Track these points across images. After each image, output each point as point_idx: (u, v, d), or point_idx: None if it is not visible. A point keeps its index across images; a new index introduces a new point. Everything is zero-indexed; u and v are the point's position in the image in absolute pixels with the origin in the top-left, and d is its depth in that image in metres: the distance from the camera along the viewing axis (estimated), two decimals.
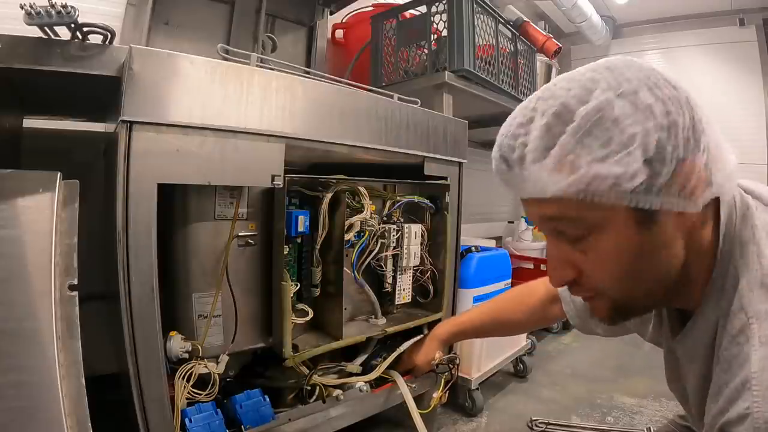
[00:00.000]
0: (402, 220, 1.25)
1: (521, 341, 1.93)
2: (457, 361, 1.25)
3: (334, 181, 1.07)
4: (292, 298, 0.98)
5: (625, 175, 0.42)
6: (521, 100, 1.93)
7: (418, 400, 1.21)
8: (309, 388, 1.06)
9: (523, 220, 2.97)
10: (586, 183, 0.43)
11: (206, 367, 0.90)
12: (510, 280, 1.85)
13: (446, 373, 1.24)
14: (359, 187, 1.11)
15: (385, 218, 1.22)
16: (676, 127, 0.43)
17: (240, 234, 0.98)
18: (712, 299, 0.51)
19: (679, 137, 0.43)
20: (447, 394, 1.26)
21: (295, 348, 1.00)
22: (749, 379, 0.43)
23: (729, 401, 0.45)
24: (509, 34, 1.85)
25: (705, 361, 0.53)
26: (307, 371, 1.05)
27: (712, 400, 0.48)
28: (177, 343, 0.87)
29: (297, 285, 1.02)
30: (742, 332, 0.46)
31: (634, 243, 0.47)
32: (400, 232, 1.20)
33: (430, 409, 1.19)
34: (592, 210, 0.45)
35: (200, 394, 0.89)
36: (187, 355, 0.89)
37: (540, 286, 0.98)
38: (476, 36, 1.59)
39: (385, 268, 1.20)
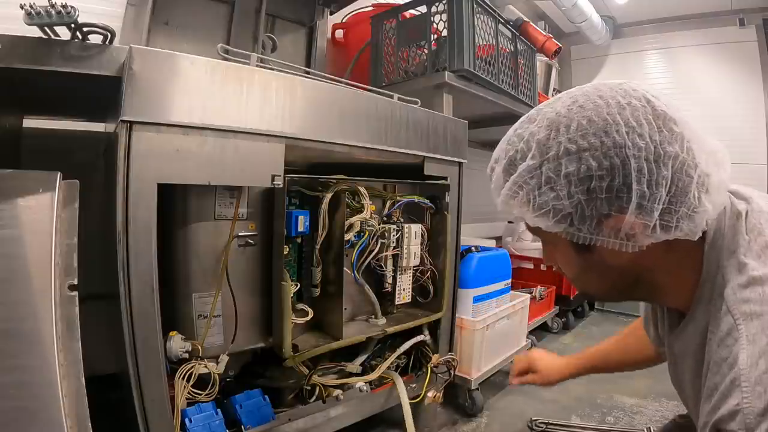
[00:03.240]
0: (402, 220, 1.25)
1: (521, 341, 1.93)
2: (455, 363, 1.25)
3: (334, 181, 1.07)
4: (292, 298, 0.98)
5: (546, 225, 0.51)
6: (521, 100, 1.93)
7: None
8: (309, 388, 1.06)
9: None
10: (521, 220, 0.54)
11: (206, 367, 0.90)
12: (510, 280, 1.85)
13: (445, 374, 1.24)
14: (359, 187, 1.11)
15: (385, 218, 1.22)
16: (593, 192, 0.48)
17: (240, 234, 0.98)
18: (702, 303, 0.54)
19: (596, 202, 0.48)
20: (441, 394, 1.26)
21: (295, 348, 1.00)
22: (738, 376, 0.44)
23: (720, 399, 0.46)
24: (509, 34, 1.85)
25: (695, 359, 0.55)
26: (307, 371, 1.05)
27: (705, 401, 0.49)
28: (177, 343, 0.87)
29: (297, 285, 1.02)
30: (730, 334, 0.47)
31: (575, 261, 0.56)
32: (400, 232, 1.20)
33: (419, 398, 1.19)
34: (543, 231, 0.54)
35: (200, 394, 0.89)
36: (187, 355, 0.89)
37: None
38: (476, 36, 1.58)
39: (385, 268, 1.20)
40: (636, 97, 0.49)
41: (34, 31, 0.76)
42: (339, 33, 2.04)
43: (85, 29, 0.78)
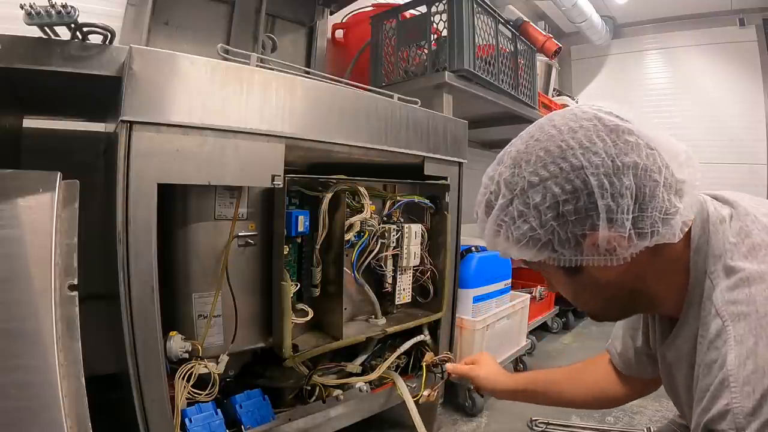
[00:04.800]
0: (402, 220, 1.25)
1: (521, 341, 1.93)
2: (451, 361, 1.25)
3: (334, 181, 1.07)
4: (292, 298, 0.98)
5: (530, 255, 0.53)
6: (521, 100, 1.93)
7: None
8: (309, 388, 1.06)
9: None
10: (509, 256, 0.56)
11: (206, 367, 0.90)
12: (510, 280, 1.85)
13: (441, 373, 1.24)
14: (359, 187, 1.11)
15: (385, 218, 1.22)
16: (563, 216, 0.50)
17: (240, 234, 0.98)
18: (693, 308, 0.54)
19: (569, 225, 0.50)
20: (436, 393, 1.25)
21: (295, 348, 1.00)
22: (727, 377, 0.45)
23: (711, 400, 0.46)
24: (509, 34, 1.85)
25: (689, 364, 0.56)
26: (307, 371, 1.05)
27: (697, 403, 0.50)
28: (177, 343, 0.87)
29: (297, 285, 1.02)
30: (719, 336, 0.48)
31: (567, 283, 0.59)
32: (400, 232, 1.20)
33: (416, 398, 1.19)
34: (533, 262, 0.56)
35: (200, 394, 0.89)
36: (187, 355, 0.89)
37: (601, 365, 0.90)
38: (476, 36, 1.59)
39: (385, 268, 1.20)
40: (586, 119, 0.51)
41: (34, 31, 0.76)
42: (339, 33, 2.04)
43: (85, 29, 0.78)
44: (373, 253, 1.17)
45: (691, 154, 0.53)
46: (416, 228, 1.23)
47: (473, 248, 1.66)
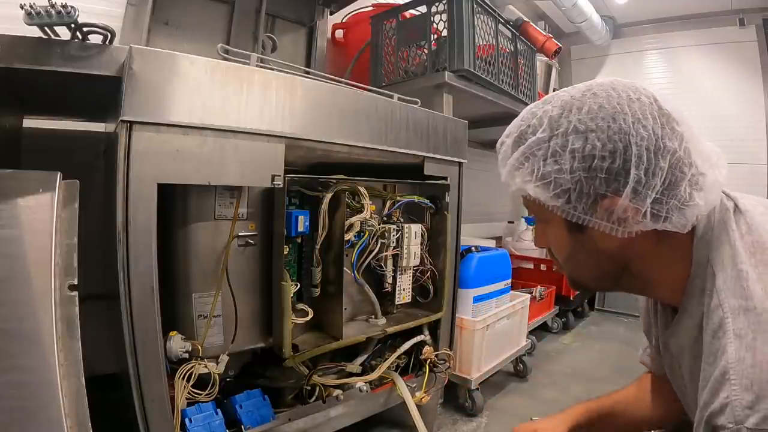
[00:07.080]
0: (402, 220, 1.25)
1: (521, 341, 1.93)
2: (450, 360, 1.24)
3: (334, 181, 1.07)
4: (292, 298, 0.98)
5: (545, 197, 0.54)
6: (521, 100, 1.93)
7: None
8: (309, 388, 1.06)
9: (523, 219, 2.97)
10: (522, 193, 0.57)
11: (206, 367, 0.90)
12: (510, 280, 1.85)
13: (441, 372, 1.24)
14: (359, 187, 1.11)
15: (385, 218, 1.22)
16: (594, 170, 0.51)
17: (240, 234, 0.98)
18: (695, 297, 0.55)
19: (595, 180, 0.51)
20: (429, 396, 1.24)
21: (295, 348, 1.00)
22: (727, 370, 0.46)
23: (712, 393, 0.47)
24: (509, 34, 1.85)
25: (692, 355, 0.57)
26: (307, 371, 1.05)
27: (701, 393, 0.50)
28: (177, 343, 0.87)
29: (297, 285, 1.02)
30: (721, 327, 0.49)
31: (567, 241, 0.58)
32: (400, 232, 1.20)
33: (420, 397, 1.18)
34: (539, 207, 0.56)
35: (200, 394, 0.89)
36: (187, 355, 0.89)
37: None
38: (476, 36, 1.59)
39: (385, 268, 1.20)
40: (646, 95, 0.53)
41: (34, 31, 0.76)
42: (339, 33, 2.04)
43: (85, 29, 0.78)
44: (373, 253, 1.17)
45: (722, 155, 0.55)
46: (416, 228, 1.23)
47: (473, 248, 1.66)
